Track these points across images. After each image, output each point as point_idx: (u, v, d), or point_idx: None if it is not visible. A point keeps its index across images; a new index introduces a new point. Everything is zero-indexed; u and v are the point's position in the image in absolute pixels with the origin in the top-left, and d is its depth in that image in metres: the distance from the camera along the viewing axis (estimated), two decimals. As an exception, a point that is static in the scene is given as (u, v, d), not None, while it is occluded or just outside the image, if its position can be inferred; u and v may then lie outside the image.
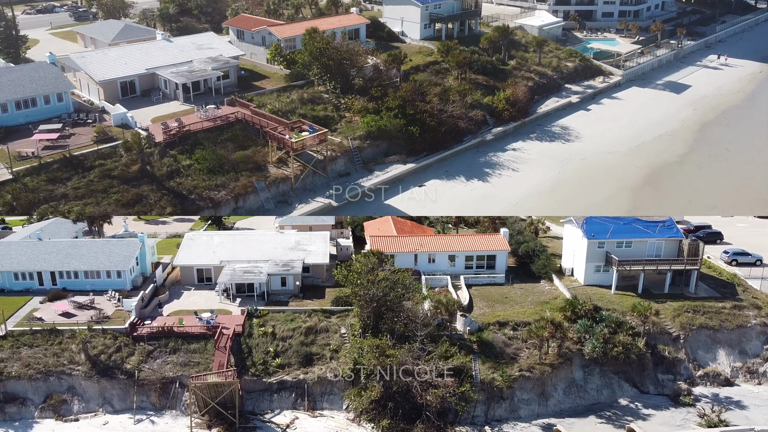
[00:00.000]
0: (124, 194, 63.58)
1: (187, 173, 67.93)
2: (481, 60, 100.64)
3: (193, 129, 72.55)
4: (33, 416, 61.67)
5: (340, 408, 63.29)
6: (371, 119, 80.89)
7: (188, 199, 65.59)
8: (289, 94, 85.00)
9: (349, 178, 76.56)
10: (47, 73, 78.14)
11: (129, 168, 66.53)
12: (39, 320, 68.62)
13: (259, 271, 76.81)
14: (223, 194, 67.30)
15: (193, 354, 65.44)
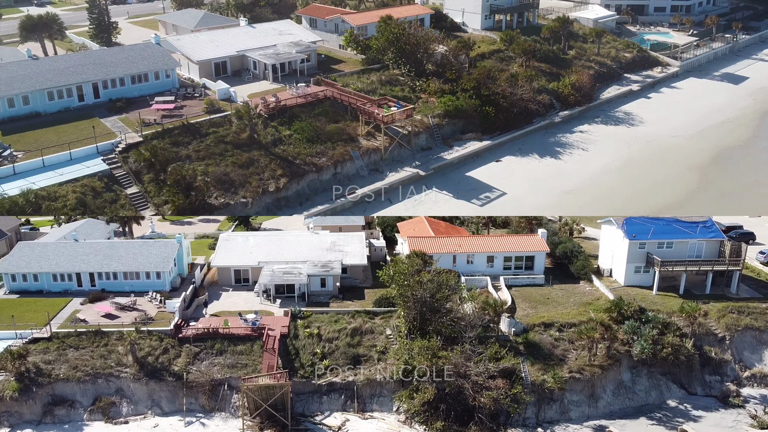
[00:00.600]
0: (239, 157, 71.69)
1: (289, 142, 76.00)
2: (543, 49, 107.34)
3: (288, 104, 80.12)
4: (82, 419, 61.24)
5: (390, 410, 63.02)
6: (448, 99, 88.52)
7: (294, 164, 74.07)
8: (368, 76, 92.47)
9: (431, 152, 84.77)
10: (156, 52, 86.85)
11: (239, 135, 74.31)
12: (82, 322, 68.22)
13: (298, 272, 76.47)
14: (324, 160, 75.69)
15: (240, 356, 65.08)
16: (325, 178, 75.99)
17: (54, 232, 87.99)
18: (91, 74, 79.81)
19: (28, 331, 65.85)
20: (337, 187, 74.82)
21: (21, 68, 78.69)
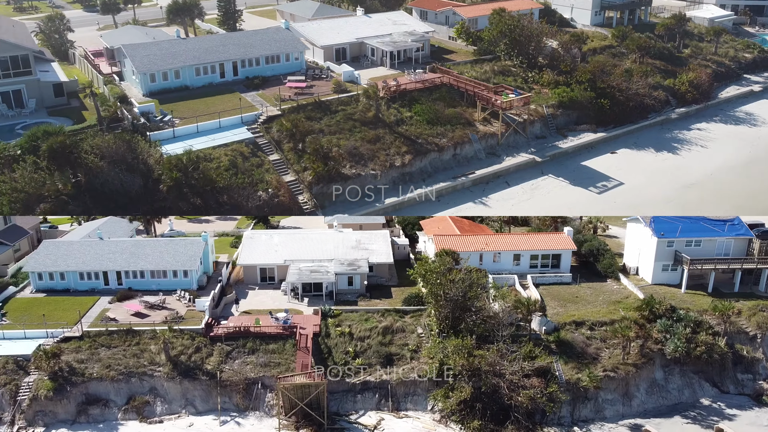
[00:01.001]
0: (366, 134, 77.60)
1: (410, 123, 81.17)
2: (658, 46, 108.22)
3: (408, 88, 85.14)
4: (116, 418, 61.00)
5: (425, 409, 62.85)
6: (562, 90, 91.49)
7: (416, 143, 79.20)
8: (481, 66, 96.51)
9: (545, 140, 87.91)
10: (286, 37, 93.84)
11: (366, 114, 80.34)
12: (113, 320, 67.95)
13: (326, 271, 76.23)
14: (444, 141, 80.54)
15: (272, 354, 64.85)
16: (445, 157, 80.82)
17: (76, 230, 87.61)
18: (231, 54, 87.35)
19: (60, 330, 65.56)
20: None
21: (172, 46, 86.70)
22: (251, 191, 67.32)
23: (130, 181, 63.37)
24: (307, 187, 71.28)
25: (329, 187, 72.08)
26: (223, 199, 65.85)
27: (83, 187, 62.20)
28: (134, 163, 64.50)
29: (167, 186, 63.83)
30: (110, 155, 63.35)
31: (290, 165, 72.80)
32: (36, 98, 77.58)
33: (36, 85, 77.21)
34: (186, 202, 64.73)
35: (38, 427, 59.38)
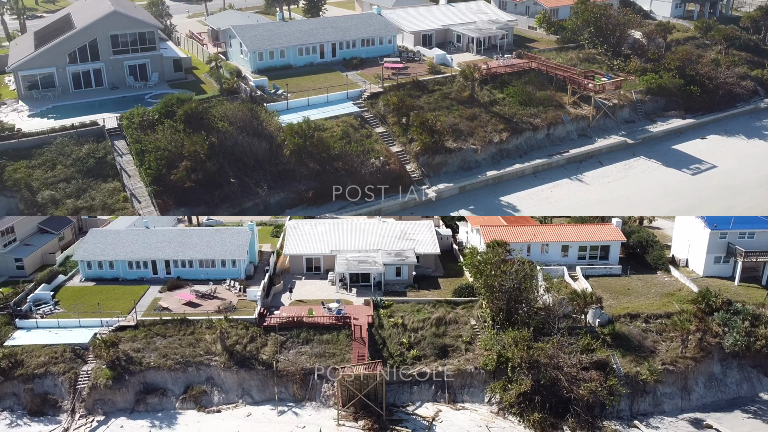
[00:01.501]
0: (463, 112, 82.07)
1: (503, 103, 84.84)
2: (743, 37, 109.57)
3: (498, 72, 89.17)
4: (174, 407, 61.02)
5: (482, 401, 62.50)
6: (651, 77, 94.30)
7: (512, 122, 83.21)
8: (566, 53, 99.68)
9: (634, 125, 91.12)
10: (379, 21, 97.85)
11: (461, 93, 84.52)
12: (166, 310, 67.92)
13: (373, 261, 75.87)
14: (539, 121, 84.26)
15: (326, 345, 64.65)
16: (539, 137, 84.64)
17: (121, 219, 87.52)
18: (330, 36, 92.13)
19: (114, 319, 65.61)
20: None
21: (277, 28, 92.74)
22: (364, 158, 73.24)
23: (257, 144, 69.83)
24: (414, 158, 76.60)
25: (434, 158, 77.47)
26: (338, 165, 71.97)
27: (217, 149, 67.79)
28: (259, 129, 71.22)
29: (290, 150, 69.82)
30: (237, 121, 70.12)
31: (396, 137, 77.94)
32: (158, 72, 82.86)
33: (159, 60, 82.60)
34: (305, 167, 70.80)
35: (98, 415, 59.48)
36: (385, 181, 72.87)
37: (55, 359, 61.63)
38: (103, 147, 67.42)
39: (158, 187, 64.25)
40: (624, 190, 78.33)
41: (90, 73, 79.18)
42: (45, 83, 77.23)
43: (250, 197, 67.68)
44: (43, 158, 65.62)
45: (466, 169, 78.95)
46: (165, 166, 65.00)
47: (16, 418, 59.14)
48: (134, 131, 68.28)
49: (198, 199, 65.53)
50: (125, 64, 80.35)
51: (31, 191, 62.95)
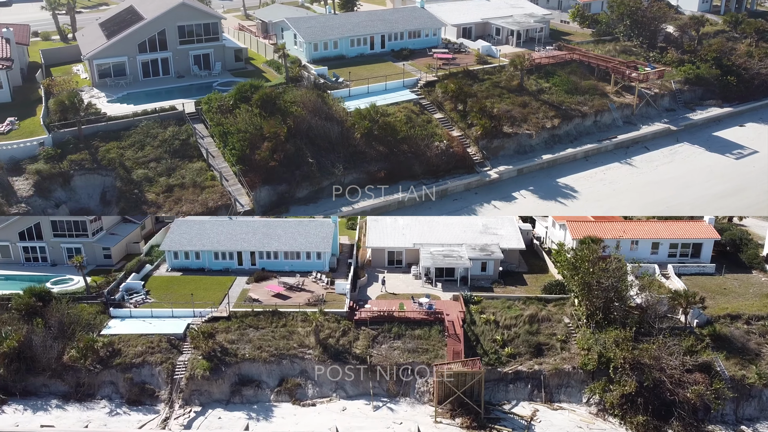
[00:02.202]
0: (514, 99, 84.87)
1: (550, 92, 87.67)
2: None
3: (542, 62, 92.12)
4: (269, 399, 60.97)
5: (579, 401, 61.09)
6: (688, 68, 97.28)
7: (560, 109, 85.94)
8: (603, 45, 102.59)
9: (674, 113, 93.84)
10: (424, 14, 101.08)
11: (510, 82, 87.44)
12: (256, 301, 67.92)
13: (458, 256, 74.80)
14: (586, 108, 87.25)
15: (418, 340, 63.90)
16: (587, 123, 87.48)
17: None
18: (379, 28, 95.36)
19: (207, 310, 65.81)
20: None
21: (328, 20, 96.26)
22: (429, 141, 76.07)
23: (329, 127, 72.73)
24: (474, 142, 79.30)
25: (492, 142, 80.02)
26: (403, 148, 74.74)
27: (293, 131, 70.47)
28: (329, 113, 74.15)
29: (360, 133, 72.86)
30: (308, 106, 72.95)
31: (454, 123, 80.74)
32: (221, 62, 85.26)
33: (221, 50, 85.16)
34: (374, 150, 73.47)
35: (195, 406, 59.69)
36: (450, 162, 76.40)
37: (151, 349, 62.05)
38: (185, 130, 69.86)
39: (244, 166, 66.87)
40: (673, 173, 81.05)
41: (158, 62, 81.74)
42: (117, 71, 80.00)
43: (326, 176, 70.51)
44: (132, 140, 68.27)
45: (522, 153, 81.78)
46: (248, 146, 67.49)
47: (115, 407, 59.66)
48: (214, 115, 70.74)
49: (280, 177, 68.12)
50: (190, 54, 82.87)
51: (125, 170, 65.74)
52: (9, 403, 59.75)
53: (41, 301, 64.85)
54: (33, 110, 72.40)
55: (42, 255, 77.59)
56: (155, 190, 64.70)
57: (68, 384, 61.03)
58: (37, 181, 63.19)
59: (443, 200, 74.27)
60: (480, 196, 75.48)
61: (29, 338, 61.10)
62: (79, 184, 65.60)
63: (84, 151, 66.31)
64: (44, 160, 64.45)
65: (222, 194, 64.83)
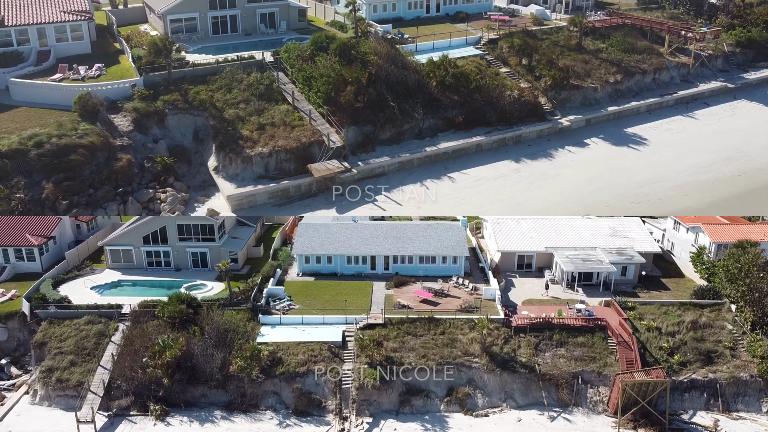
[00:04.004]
0: (575, 57, 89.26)
1: (608, 52, 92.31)
2: None
3: (597, 26, 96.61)
4: (439, 410, 59.06)
5: (758, 410, 59.37)
6: (739, 32, 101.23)
7: (621, 66, 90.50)
8: (652, 12, 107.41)
9: (728, 74, 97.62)
10: None
11: (569, 41, 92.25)
12: (405, 307, 65.97)
13: (598, 259, 72.96)
14: (645, 66, 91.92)
15: (582, 348, 62.09)
16: (647, 80, 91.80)
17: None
18: None
19: (361, 316, 63.84)
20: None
21: None
22: (501, 90, 79.01)
23: (406, 75, 75.90)
24: (543, 92, 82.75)
25: (560, 93, 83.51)
26: (476, 96, 77.99)
27: (373, 78, 73.37)
28: (404, 62, 77.26)
29: (436, 81, 76.43)
30: (383, 55, 75.73)
31: (521, 76, 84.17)
32: (286, 20, 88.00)
33: (286, 9, 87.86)
34: (447, 98, 76.71)
35: (365, 417, 57.68)
36: (522, 111, 79.64)
37: (314, 357, 60.06)
38: (267, 76, 72.95)
39: (331, 107, 70.25)
40: (737, 125, 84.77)
41: (227, 20, 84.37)
42: (188, 27, 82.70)
43: (407, 120, 73.96)
44: (219, 83, 71.36)
45: (587, 105, 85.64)
46: (332, 90, 70.92)
47: (283, 418, 57.66)
48: (295, 62, 74.36)
49: (366, 119, 71.79)
50: (257, 12, 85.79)
51: (217, 109, 68.70)
52: (172, 414, 57.60)
53: (192, 309, 62.72)
54: (114, 60, 76.10)
55: (165, 259, 75.44)
56: (248, 128, 67.51)
57: (231, 394, 58.93)
58: (135, 118, 66.64)
59: (518, 145, 77.92)
60: (553, 142, 79.00)
61: (189, 347, 58.97)
62: (173, 123, 68.76)
63: (175, 93, 69.64)
64: (139, 99, 67.62)
65: (313, 132, 68.01)
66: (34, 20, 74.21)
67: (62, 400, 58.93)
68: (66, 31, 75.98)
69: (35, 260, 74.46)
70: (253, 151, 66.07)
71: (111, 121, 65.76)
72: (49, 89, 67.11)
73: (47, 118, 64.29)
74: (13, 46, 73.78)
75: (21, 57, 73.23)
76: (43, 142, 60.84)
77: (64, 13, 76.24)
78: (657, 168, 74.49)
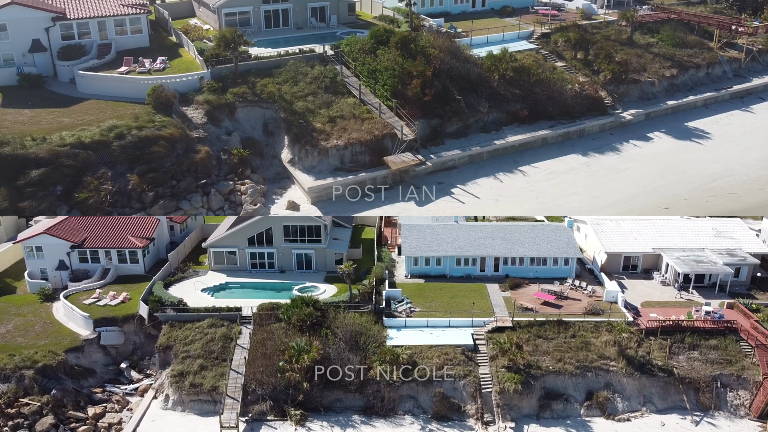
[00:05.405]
0: (628, 51, 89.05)
1: (658, 46, 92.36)
2: None
3: (644, 20, 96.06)
4: (579, 414, 58.05)
5: None
6: None
7: (674, 60, 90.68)
8: (695, 7, 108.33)
9: None
10: None
11: (620, 36, 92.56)
12: (529, 310, 65.06)
13: (711, 261, 72.07)
14: (698, 60, 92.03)
15: (714, 350, 61.15)
16: (700, 75, 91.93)
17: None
18: None
19: (488, 319, 62.89)
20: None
21: None
22: (562, 84, 79.28)
23: (468, 68, 76.27)
24: (602, 86, 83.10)
25: (619, 87, 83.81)
26: (537, 90, 78.09)
27: (437, 71, 73.32)
28: (465, 56, 77.91)
29: (498, 75, 76.84)
30: (443, 49, 75.93)
31: (578, 70, 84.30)
32: (336, 14, 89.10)
33: (336, 3, 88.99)
34: (509, 92, 77.06)
35: (507, 421, 56.65)
36: (584, 104, 79.92)
37: (449, 361, 59.06)
38: (330, 69, 73.51)
39: (399, 101, 70.30)
40: None
41: (279, 14, 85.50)
42: (242, 21, 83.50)
43: (472, 114, 74.32)
44: (285, 76, 71.94)
45: (645, 99, 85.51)
46: (399, 83, 71.00)
47: (424, 423, 56.64)
48: (357, 55, 74.50)
49: (433, 112, 72.33)
50: (308, 6, 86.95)
51: (287, 102, 69.16)
52: (310, 419, 56.53)
53: (319, 311, 61.69)
54: (174, 53, 76.78)
55: (269, 261, 74.39)
56: (320, 120, 67.93)
57: (369, 398, 57.89)
58: (208, 110, 67.00)
59: (582, 139, 78.13)
60: (616, 136, 79.23)
61: (325, 351, 57.91)
62: (243, 116, 69.05)
63: (243, 86, 70.08)
64: (209, 92, 68.07)
65: (384, 125, 68.31)
66: (94, 14, 75.64)
67: (196, 405, 57.76)
68: (125, 24, 77.35)
69: (138, 262, 73.33)
70: (328, 143, 66.29)
71: (184, 114, 66.21)
72: (117, 81, 68.52)
73: (120, 110, 64.91)
74: (75, 40, 74.50)
75: (84, 50, 74.14)
76: (124, 133, 61.49)
77: (123, 7, 77.44)
78: (725, 162, 74.62)
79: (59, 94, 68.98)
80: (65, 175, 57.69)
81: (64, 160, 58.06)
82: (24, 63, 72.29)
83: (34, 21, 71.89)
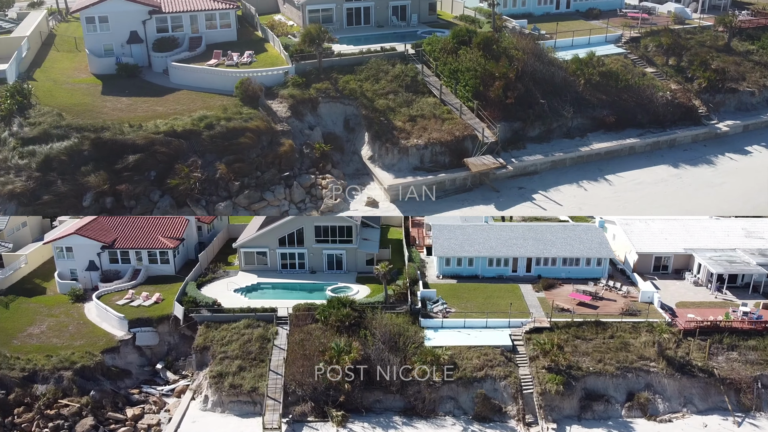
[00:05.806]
0: (725, 58, 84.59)
1: (759, 54, 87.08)
2: None
3: (744, 26, 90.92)
4: (620, 415, 57.78)
5: None
6: None
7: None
8: None
9: None
10: None
11: (716, 42, 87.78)
12: (566, 311, 64.79)
13: (744, 261, 71.84)
14: None
15: (754, 351, 60.90)
16: None
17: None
18: None
19: (525, 320, 62.64)
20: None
21: None
22: (652, 91, 76.28)
23: (553, 71, 74.96)
24: (696, 95, 79.38)
25: (714, 96, 79.89)
26: (624, 96, 75.46)
27: (519, 73, 72.30)
28: (549, 58, 76.31)
29: (584, 79, 74.76)
30: (527, 50, 74.74)
31: (669, 77, 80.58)
32: (417, 13, 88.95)
33: (417, 2, 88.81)
34: (595, 97, 74.80)
35: (549, 423, 56.38)
36: (675, 113, 76.64)
37: (489, 362, 58.80)
38: (410, 68, 73.07)
39: (481, 102, 69.56)
40: None
41: (361, 11, 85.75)
42: (325, 18, 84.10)
43: (556, 118, 72.61)
44: (366, 74, 71.82)
45: (742, 110, 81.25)
46: (480, 84, 70.26)
47: (466, 424, 56.36)
48: (439, 55, 73.92)
49: (515, 115, 71.13)
50: (390, 4, 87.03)
51: (368, 99, 69.20)
52: (351, 420, 56.25)
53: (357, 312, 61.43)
54: (260, 47, 77.51)
55: (300, 261, 74.13)
56: (400, 119, 67.74)
57: (409, 399, 57.61)
58: (292, 104, 67.77)
59: (672, 150, 74.76)
60: (710, 148, 75.40)
61: (365, 352, 57.64)
62: (324, 111, 69.59)
63: (325, 81, 70.53)
64: (293, 86, 68.99)
65: (465, 126, 67.64)
66: (187, 8, 77.55)
67: (236, 406, 57.47)
68: (215, 18, 78.86)
69: (168, 263, 73.07)
70: (409, 142, 66.04)
71: (269, 107, 67.11)
72: (207, 74, 70.21)
73: (210, 102, 66.25)
74: (169, 32, 76.32)
75: (176, 42, 76.03)
76: (213, 124, 62.82)
77: (213, 2, 78.78)
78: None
79: (153, 84, 71.41)
80: (159, 162, 60.08)
81: (159, 147, 60.24)
82: (122, 53, 75.12)
83: (133, 14, 74.59)
